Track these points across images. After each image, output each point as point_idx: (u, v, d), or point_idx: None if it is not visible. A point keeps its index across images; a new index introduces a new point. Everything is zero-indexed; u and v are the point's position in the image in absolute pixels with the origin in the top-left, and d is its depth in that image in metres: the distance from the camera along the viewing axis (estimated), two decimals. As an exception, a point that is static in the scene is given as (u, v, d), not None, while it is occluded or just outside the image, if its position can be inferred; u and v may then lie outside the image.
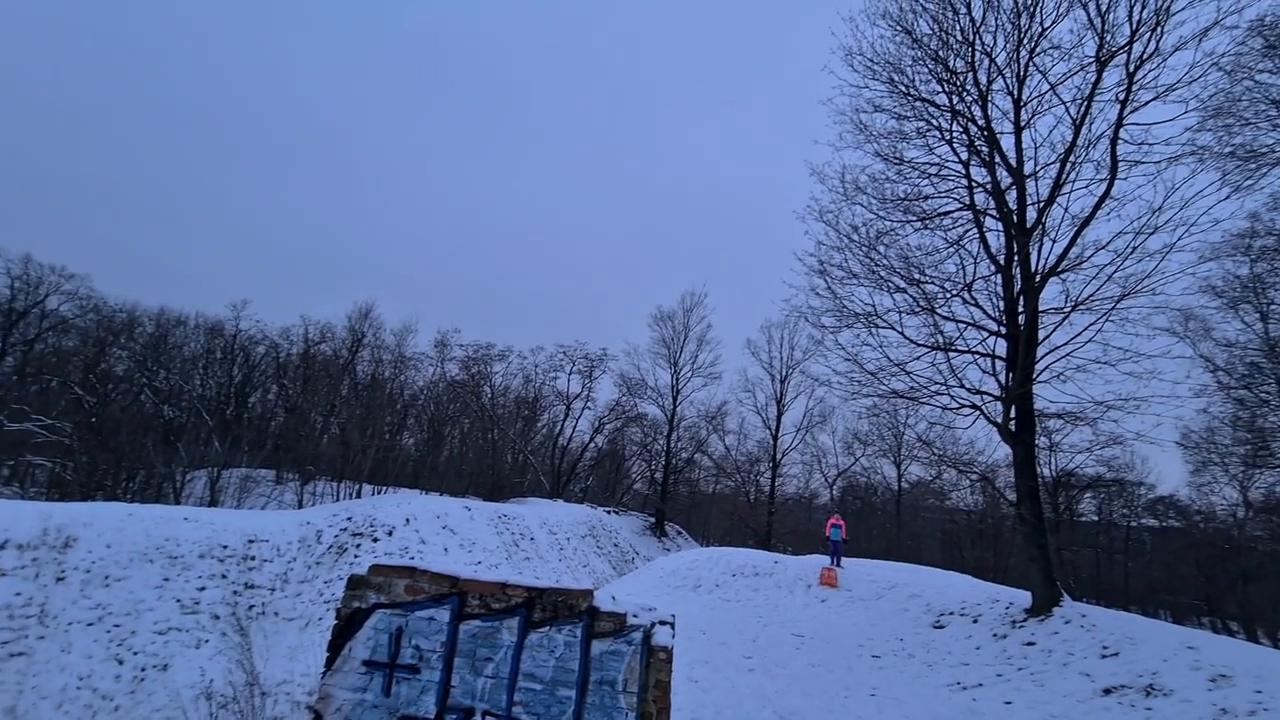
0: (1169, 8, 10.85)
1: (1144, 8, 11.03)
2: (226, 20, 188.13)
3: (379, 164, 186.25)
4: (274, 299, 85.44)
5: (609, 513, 36.88)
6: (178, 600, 13.63)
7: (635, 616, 4.64)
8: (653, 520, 40.62)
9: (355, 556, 17.67)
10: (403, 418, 41.68)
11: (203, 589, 14.29)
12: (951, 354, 13.40)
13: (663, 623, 4.62)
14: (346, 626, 5.13)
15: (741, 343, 66.84)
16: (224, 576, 14.93)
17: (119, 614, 12.59)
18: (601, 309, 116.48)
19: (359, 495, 29.26)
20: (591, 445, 46.42)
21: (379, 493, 29.13)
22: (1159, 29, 11.02)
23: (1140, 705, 7.99)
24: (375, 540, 18.69)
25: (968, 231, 13.64)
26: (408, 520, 20.13)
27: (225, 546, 15.50)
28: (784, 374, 40.39)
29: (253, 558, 15.89)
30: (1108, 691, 8.52)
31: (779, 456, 40.40)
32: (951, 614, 13.30)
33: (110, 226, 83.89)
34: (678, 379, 42.29)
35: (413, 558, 18.55)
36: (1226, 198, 11.57)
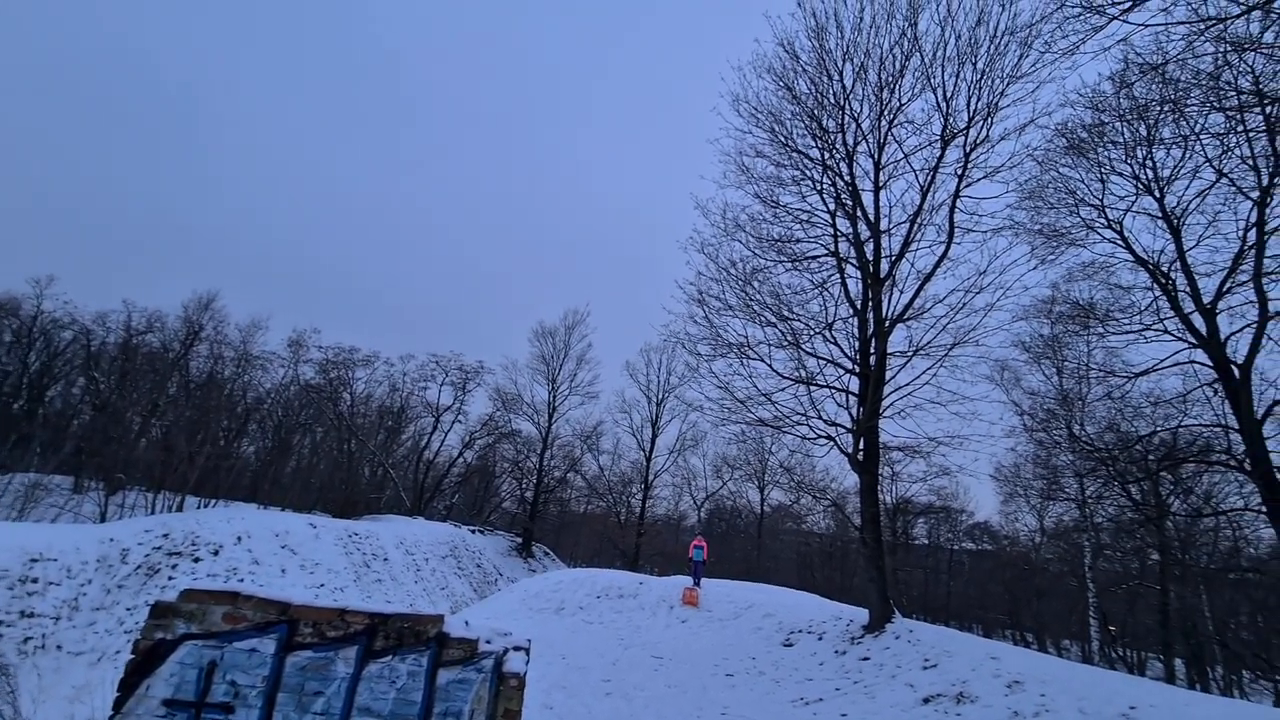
0: (998, 103, 12.79)
1: (979, 99, 12.89)
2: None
3: (239, 148, 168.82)
4: (90, 279, 72.78)
5: (474, 532, 35.30)
6: (-82, 634, 11.08)
7: (488, 642, 4.41)
8: (520, 540, 39.46)
9: (171, 579, 15.40)
10: (243, 422, 37.29)
11: (-43, 619, 11.74)
12: (812, 387, 14.45)
13: (517, 648, 4.44)
14: (146, 661, 4.43)
15: (621, 364, 67.87)
16: (-11, 604, 12.37)
17: None
18: (481, 321, 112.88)
19: (180, 508, 25.67)
20: (460, 460, 44.36)
21: (206, 506, 25.76)
22: (990, 119, 12.94)
23: (952, 712, 8.89)
24: (197, 560, 16.44)
25: (831, 276, 14.91)
26: (239, 538, 17.94)
27: (-5, 567, 12.88)
28: (660, 397, 41.38)
29: (34, 580, 13.32)
30: (927, 700, 9.40)
31: (651, 478, 41.14)
32: (800, 632, 14.10)
33: None
34: (555, 396, 41.84)
35: (242, 580, 16.53)
36: (1034, 268, 13.85)
